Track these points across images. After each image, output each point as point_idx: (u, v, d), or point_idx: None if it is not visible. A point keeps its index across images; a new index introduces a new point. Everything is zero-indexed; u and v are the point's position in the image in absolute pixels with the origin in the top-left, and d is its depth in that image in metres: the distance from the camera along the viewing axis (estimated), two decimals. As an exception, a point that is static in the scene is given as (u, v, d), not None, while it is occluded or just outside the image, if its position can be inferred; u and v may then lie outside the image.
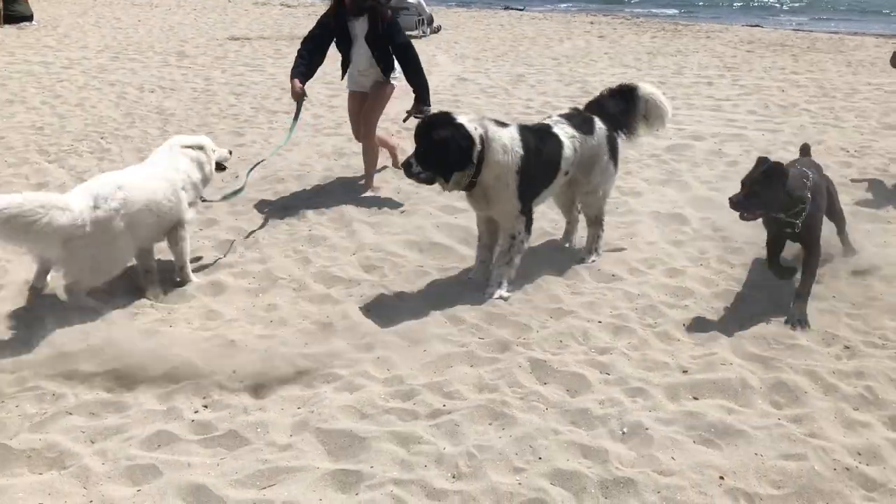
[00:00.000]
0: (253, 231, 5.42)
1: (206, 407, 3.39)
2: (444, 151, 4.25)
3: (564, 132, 4.70)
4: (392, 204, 5.92)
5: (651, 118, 5.15)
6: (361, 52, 6.09)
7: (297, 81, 5.93)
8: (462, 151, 4.25)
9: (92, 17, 19.35)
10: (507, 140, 4.38)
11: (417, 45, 6.45)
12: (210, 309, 4.30)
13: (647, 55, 14.16)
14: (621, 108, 5.06)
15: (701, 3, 30.62)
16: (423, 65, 6.27)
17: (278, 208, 5.84)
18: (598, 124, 4.90)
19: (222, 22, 19.16)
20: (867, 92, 10.42)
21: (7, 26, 16.99)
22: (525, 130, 4.54)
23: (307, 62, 6.01)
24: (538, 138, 4.55)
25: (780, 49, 15.13)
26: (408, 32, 17.91)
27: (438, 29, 17.78)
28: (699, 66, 12.90)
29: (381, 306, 4.31)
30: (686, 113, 9.16)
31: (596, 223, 5.05)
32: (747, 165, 6.81)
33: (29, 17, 17.67)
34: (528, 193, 4.52)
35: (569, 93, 10.46)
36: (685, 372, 3.69)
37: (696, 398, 3.51)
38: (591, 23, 20.21)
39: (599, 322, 4.17)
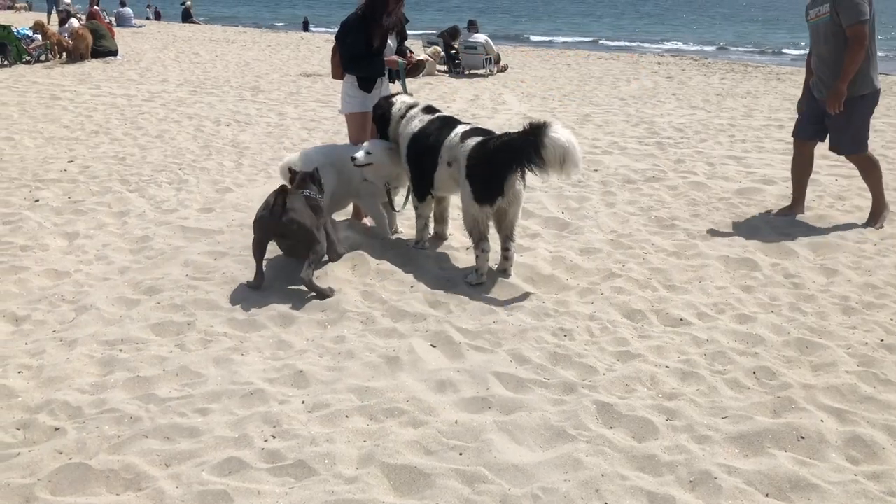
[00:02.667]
0: (322, 264, 5.53)
1: (275, 437, 3.46)
2: None
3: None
4: (457, 240, 5.98)
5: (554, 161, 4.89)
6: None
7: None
8: None
9: (172, 53, 20.20)
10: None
11: (484, 83, 6.53)
12: (280, 339, 4.40)
13: (716, 96, 14.06)
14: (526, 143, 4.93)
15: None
16: (490, 103, 6.40)
17: (348, 242, 5.95)
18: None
19: (295, 58, 19.78)
20: (948, 138, 10.11)
21: (94, 60, 17.86)
22: None
23: None
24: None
25: (855, 92, 14.83)
26: (474, 71, 18.19)
27: (505, 68, 17.99)
28: (769, 108, 12.74)
29: (446, 342, 4.34)
30: (756, 156, 9.05)
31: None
32: (820, 211, 6.74)
33: (114, 52, 18.56)
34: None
35: (636, 133, 10.44)
36: (755, 422, 3.60)
37: (767, 449, 3.42)
38: (659, 63, 20.18)
39: (667, 367, 4.12)
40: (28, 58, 17.00)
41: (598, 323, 4.64)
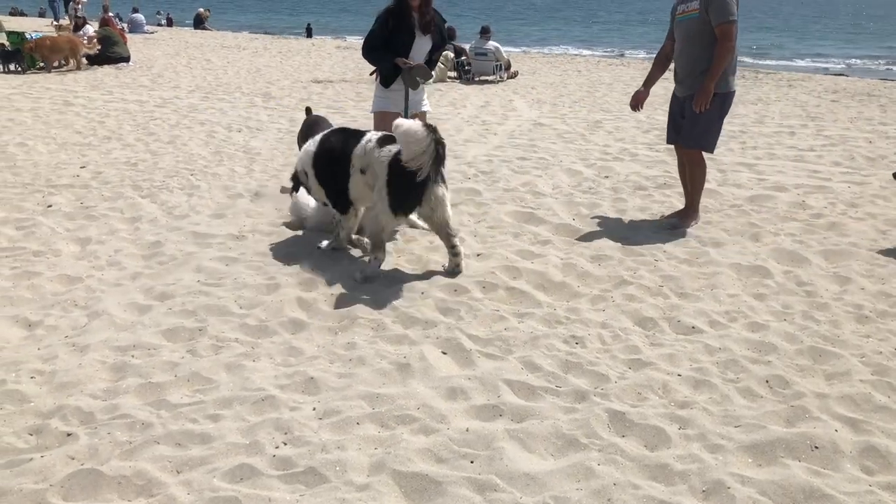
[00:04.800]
0: (332, 269, 5.53)
1: (286, 443, 3.45)
2: None
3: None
4: (468, 247, 5.97)
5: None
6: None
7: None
8: None
9: (184, 59, 20.29)
10: None
11: (495, 89, 6.55)
12: (291, 345, 4.40)
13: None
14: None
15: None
16: (501, 109, 6.45)
17: (358, 248, 5.96)
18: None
19: (306, 65, 19.84)
20: (961, 145, 10.05)
21: (106, 66, 17.96)
22: None
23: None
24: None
25: (867, 99, 14.78)
26: (485, 77, 18.17)
27: (515, 74, 17.99)
28: (781, 114, 12.70)
29: (457, 349, 4.33)
30: (768, 163, 9.02)
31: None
32: (833, 219, 6.70)
33: (126, 59, 18.66)
34: None
35: (647, 140, 10.42)
36: (769, 431, 3.58)
37: (780, 458, 3.40)
38: (670, 70, 20.10)
39: (679, 375, 4.10)
40: (42, 64, 17.10)
41: (610, 331, 4.62)
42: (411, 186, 5.04)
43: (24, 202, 7.08)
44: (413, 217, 5.52)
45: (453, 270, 5.41)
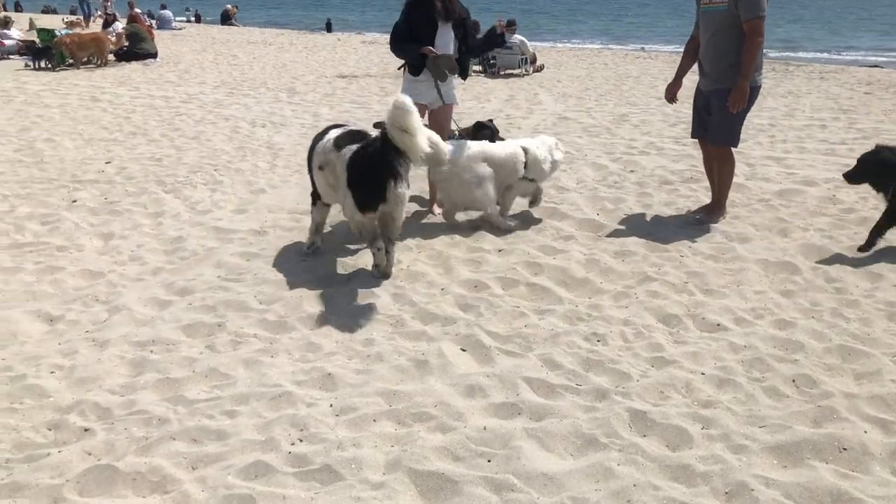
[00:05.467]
0: (353, 265, 5.50)
1: (301, 440, 3.43)
2: None
3: None
4: (490, 242, 5.91)
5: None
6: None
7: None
8: None
9: (210, 55, 20.43)
10: None
11: (520, 83, 6.48)
12: (310, 341, 4.38)
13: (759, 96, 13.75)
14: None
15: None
16: (526, 103, 6.39)
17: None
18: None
19: (331, 60, 19.87)
20: None
21: (134, 63, 18.13)
22: None
23: None
24: None
25: (902, 91, 14.43)
26: (510, 71, 18.02)
27: (541, 68, 17.86)
28: (812, 107, 12.45)
29: (476, 346, 4.28)
30: (797, 157, 8.84)
31: None
32: (864, 213, 6.54)
33: (154, 55, 18.81)
34: None
35: (673, 133, 10.27)
36: (795, 431, 3.48)
37: (807, 460, 3.30)
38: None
39: (703, 374, 4.01)
40: (71, 60, 17.29)
41: (633, 328, 4.54)
42: (374, 184, 4.94)
43: (49, 197, 7.14)
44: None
45: (380, 272, 5.23)
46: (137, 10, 22.49)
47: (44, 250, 5.80)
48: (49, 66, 17.15)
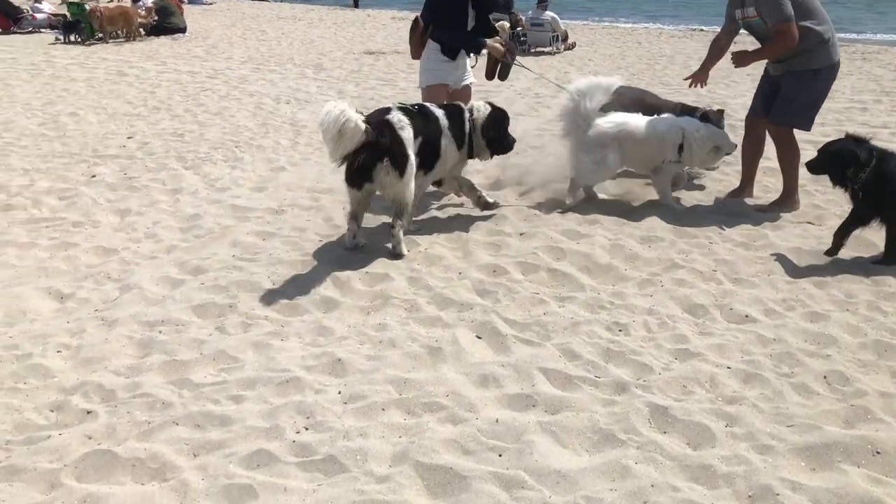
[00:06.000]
0: (370, 247, 5.36)
1: (307, 428, 3.32)
2: None
3: None
4: (511, 224, 5.74)
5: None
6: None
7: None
8: None
9: (239, 30, 20.35)
10: None
11: (550, 61, 6.29)
12: (322, 325, 4.26)
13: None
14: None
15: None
16: (557, 80, 6.21)
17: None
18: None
19: (360, 36, 19.69)
20: None
21: (163, 37, 18.10)
22: None
23: None
24: None
25: (948, 73, 13.91)
26: (541, 49, 17.70)
27: (573, 46, 17.52)
28: (852, 89, 12.02)
29: (492, 334, 4.13)
30: (836, 140, 8.50)
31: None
32: None
33: (183, 30, 18.77)
34: None
35: (706, 115, 9.96)
36: (825, 432, 3.29)
37: (837, 463, 3.12)
38: (734, 42, 19.32)
39: (729, 368, 3.83)
40: (100, 34, 17.30)
41: (657, 317, 4.36)
42: (358, 165, 4.98)
43: (69, 172, 7.10)
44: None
45: (391, 248, 5.25)
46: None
47: (59, 226, 5.75)
48: (79, 39, 17.17)
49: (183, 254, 5.26)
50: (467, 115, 5.67)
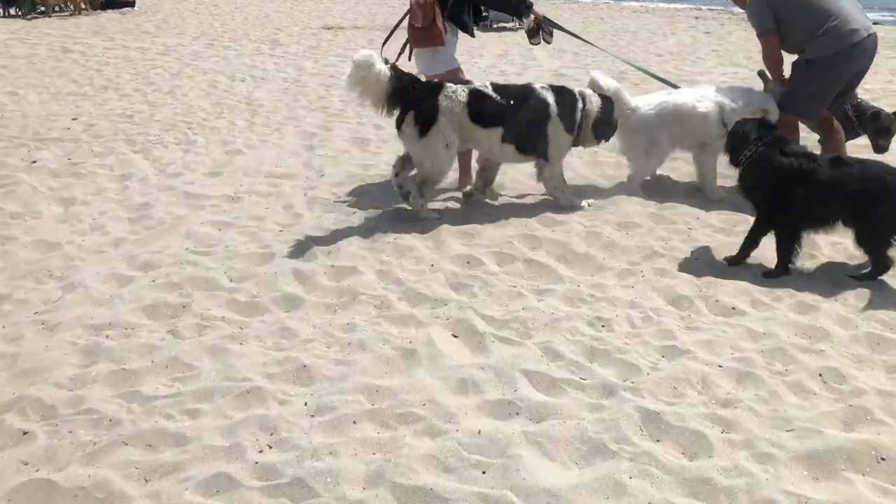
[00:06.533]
0: (334, 237, 5.05)
1: (271, 447, 3.02)
2: None
3: None
4: (484, 212, 5.47)
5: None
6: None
7: None
8: None
9: (192, 4, 19.64)
10: None
11: (514, 37, 6.00)
12: (284, 326, 3.95)
13: (759, 53, 13.23)
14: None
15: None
16: (520, 59, 5.92)
17: (363, 213, 5.46)
18: None
19: (317, 10, 19.14)
20: None
21: (110, 11, 17.35)
22: None
23: None
24: None
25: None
26: (503, 25, 17.35)
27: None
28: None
29: (469, 332, 3.86)
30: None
31: None
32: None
33: (131, 3, 18.04)
34: None
35: (675, 93, 9.76)
36: (826, 437, 3.10)
37: (841, 472, 2.93)
38: (696, 17, 19.24)
39: (720, 366, 3.61)
40: (42, 8, 16.51)
41: (640, 311, 4.13)
42: (394, 110, 5.21)
43: (7, 157, 6.63)
44: None
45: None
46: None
47: (-5, 218, 5.33)
48: (20, 13, 16.35)
49: (132, 247, 4.90)
50: (580, 103, 5.48)
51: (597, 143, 5.81)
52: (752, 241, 4.69)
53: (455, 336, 3.85)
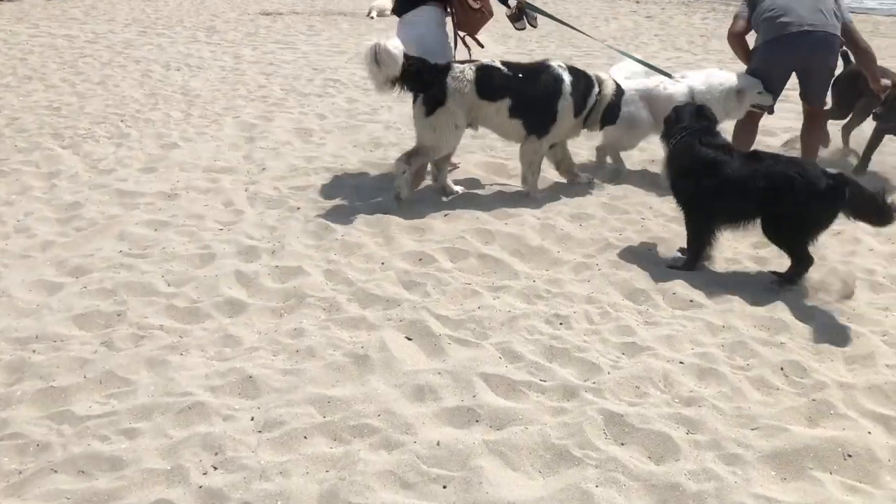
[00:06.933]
0: (278, 235, 4.82)
1: (216, 468, 2.82)
2: None
3: None
4: (434, 205, 5.30)
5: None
6: None
7: None
8: None
9: (122, -11, 18.87)
10: None
11: (449, 24, 5.79)
12: (227, 333, 3.73)
13: (701, 38, 13.34)
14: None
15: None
16: (462, 45, 5.77)
17: (308, 209, 5.24)
18: None
19: (255, -5, 18.58)
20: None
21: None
22: None
23: None
24: None
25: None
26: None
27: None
28: (755, 49, 12.04)
29: (424, 335, 3.70)
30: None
31: None
32: (828, 164, 6.12)
33: (57, -12, 17.21)
34: None
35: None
36: (791, 434, 3.03)
37: (809, 470, 2.87)
38: (637, 1, 19.27)
39: (681, 363, 3.53)
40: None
41: (598, 306, 4.03)
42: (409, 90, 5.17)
43: (-78, 155, 6.20)
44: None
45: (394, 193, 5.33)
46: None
47: None
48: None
49: (61, 251, 4.59)
50: (596, 87, 5.46)
51: (600, 129, 5.76)
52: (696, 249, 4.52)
53: (409, 339, 3.69)
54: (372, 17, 14.84)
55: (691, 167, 4.44)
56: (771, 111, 5.94)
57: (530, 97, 5.21)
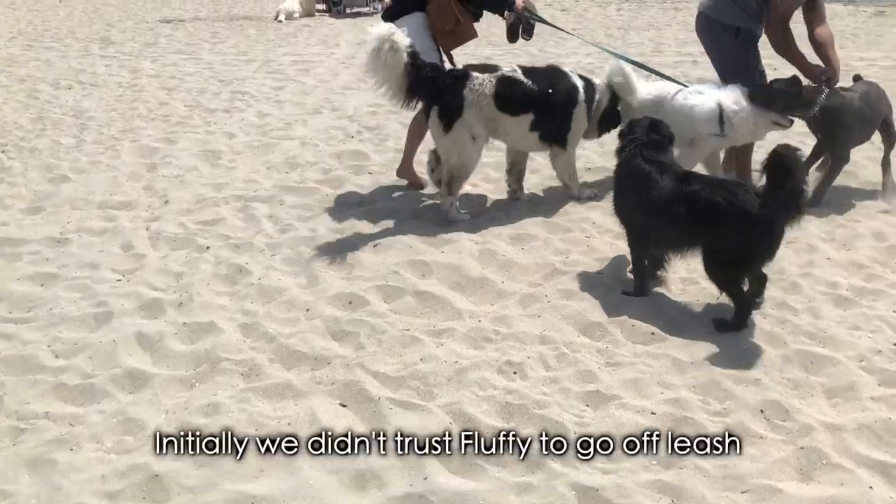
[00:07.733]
0: (185, 283, 4.25)
1: None
2: None
3: None
4: (361, 233, 4.81)
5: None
6: None
7: None
8: None
9: (6, -1, 17.64)
10: None
11: (370, 22, 5.35)
12: (128, 416, 3.15)
13: (618, 30, 13.21)
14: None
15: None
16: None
17: (218, 247, 4.68)
18: None
19: (153, 1, 17.63)
20: None
21: None
22: None
23: None
24: None
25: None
26: (358, 9, 16.50)
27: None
28: (676, 41, 11.95)
29: (360, 399, 3.21)
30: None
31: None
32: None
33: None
34: None
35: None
36: (787, 497, 2.68)
37: (811, 539, 2.52)
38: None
39: (653, 413, 3.15)
40: None
41: (553, 347, 3.61)
42: (419, 101, 4.97)
43: None
44: None
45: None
46: None
47: None
48: None
49: (-76, 321, 3.91)
50: (597, 93, 5.32)
51: (598, 136, 5.61)
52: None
53: (343, 405, 3.20)
54: (280, 21, 14.20)
55: (625, 183, 4.10)
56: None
57: (551, 108, 5.08)
